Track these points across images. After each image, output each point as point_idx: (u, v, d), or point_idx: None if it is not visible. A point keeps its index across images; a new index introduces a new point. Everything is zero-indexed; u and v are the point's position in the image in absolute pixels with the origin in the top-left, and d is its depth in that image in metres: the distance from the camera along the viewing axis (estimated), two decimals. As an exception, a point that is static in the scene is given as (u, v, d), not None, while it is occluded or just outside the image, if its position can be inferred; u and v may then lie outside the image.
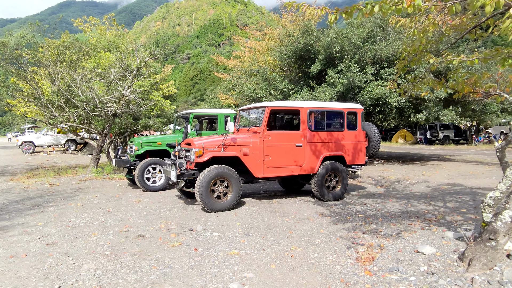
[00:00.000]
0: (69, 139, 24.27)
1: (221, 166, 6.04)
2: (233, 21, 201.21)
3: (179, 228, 5.10)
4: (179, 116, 9.79)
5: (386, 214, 5.91)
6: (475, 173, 10.72)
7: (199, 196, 5.82)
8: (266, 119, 6.47)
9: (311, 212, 6.09)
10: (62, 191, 8.37)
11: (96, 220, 5.60)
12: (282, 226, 5.15)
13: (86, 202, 7.01)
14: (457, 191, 7.97)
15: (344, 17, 3.62)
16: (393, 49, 10.61)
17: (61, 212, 6.17)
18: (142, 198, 7.37)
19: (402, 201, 7.03)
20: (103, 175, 10.99)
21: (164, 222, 5.40)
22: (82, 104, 10.33)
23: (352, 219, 5.56)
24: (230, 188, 6.16)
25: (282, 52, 12.33)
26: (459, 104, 11.95)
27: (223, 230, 4.96)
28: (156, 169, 8.27)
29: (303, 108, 6.75)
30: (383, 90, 10.09)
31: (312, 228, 5.07)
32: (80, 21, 21.03)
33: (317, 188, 6.83)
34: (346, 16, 3.63)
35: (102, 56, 13.32)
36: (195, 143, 6.17)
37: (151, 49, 11.99)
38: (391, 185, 9.02)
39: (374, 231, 4.87)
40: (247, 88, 12.62)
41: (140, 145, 8.30)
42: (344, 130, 7.15)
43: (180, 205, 6.68)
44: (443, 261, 3.43)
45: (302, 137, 6.72)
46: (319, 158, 6.86)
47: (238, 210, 6.17)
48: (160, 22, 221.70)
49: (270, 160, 6.47)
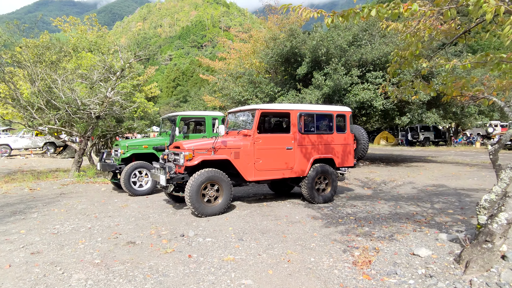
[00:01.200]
0: (47, 142, 23.54)
1: (212, 170, 5.95)
2: (215, 23, 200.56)
3: (170, 233, 4.98)
4: (165, 118, 9.62)
5: (376, 216, 5.95)
6: (458, 174, 10.98)
7: (190, 200, 5.71)
8: (257, 122, 6.42)
9: (302, 215, 6.06)
10: (43, 196, 8.07)
11: (82, 226, 5.41)
12: (275, 230, 5.10)
13: (70, 208, 6.77)
14: (442, 192, 8.13)
15: (340, 20, 3.61)
16: (378, 53, 10.77)
17: (45, 219, 5.93)
18: (129, 203, 7.17)
19: (390, 202, 7.10)
20: (85, 179, 10.67)
21: (154, 228, 5.26)
22: (64, 106, 10.01)
23: (344, 222, 5.57)
24: (221, 192, 6.07)
25: (268, 55, 12.32)
26: (440, 106, 12.23)
27: (216, 235, 4.87)
28: (142, 173, 8.08)
29: (293, 111, 6.74)
30: (368, 94, 10.22)
31: (305, 231, 5.04)
32: (59, 20, 20.48)
33: (307, 191, 6.82)
34: (343, 20, 3.62)
35: (83, 57, 13.00)
36: (185, 147, 6.05)
37: (135, 50, 11.75)
38: (378, 187, 9.12)
39: (367, 233, 4.88)
40: (234, 90, 12.54)
41: (126, 148, 8.10)
42: (333, 132, 7.18)
43: (169, 209, 6.54)
44: (440, 264, 3.45)
45: (293, 140, 6.70)
46: (309, 160, 6.86)
47: (229, 214, 6.08)
48: (141, 22, 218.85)
49: (260, 163, 6.42)
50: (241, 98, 12.40)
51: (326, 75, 10.98)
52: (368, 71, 11.11)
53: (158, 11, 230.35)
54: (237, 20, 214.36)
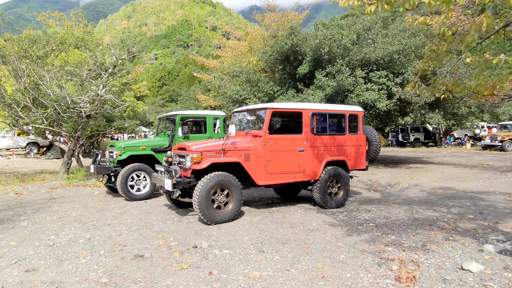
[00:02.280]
0: (30, 142, 22.55)
1: (222, 174, 5.49)
2: (201, 22, 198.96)
3: (180, 244, 4.50)
4: (163, 118, 9.09)
5: (396, 222, 5.61)
6: (461, 176, 10.80)
7: (198, 207, 5.24)
8: (268, 122, 5.99)
9: (318, 221, 5.67)
10: (32, 201, 7.44)
11: (81, 237, 4.87)
12: (295, 240, 4.68)
13: (64, 215, 6.20)
14: (453, 195, 7.88)
15: (386, 8, 3.22)
16: (382, 52, 10.49)
17: (36, 228, 5.36)
18: (127, 209, 6.64)
19: (404, 207, 6.79)
20: (75, 181, 10.04)
21: (162, 238, 4.77)
22: (52, 104, 9.35)
23: (365, 229, 5.20)
24: (231, 197, 5.62)
25: (267, 53, 11.90)
26: (441, 107, 12.07)
27: (232, 246, 4.42)
28: (140, 176, 7.55)
29: (306, 110, 6.34)
30: (373, 95, 9.92)
31: (328, 241, 4.65)
32: (44, 15, 19.56)
33: (319, 195, 6.44)
34: (388, 7, 3.24)
35: (70, 53, 12.30)
36: (192, 148, 5.58)
37: (128, 46, 11.15)
38: (385, 190, 8.82)
39: (396, 243, 4.52)
40: (231, 89, 12.08)
41: (122, 149, 7.55)
42: (346, 133, 6.82)
43: (173, 216, 6.05)
44: (499, 281, 3.10)
45: (305, 141, 6.31)
46: (322, 163, 6.48)
47: (240, 222, 5.64)
48: (125, 21, 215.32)
49: (272, 166, 6.00)
50: (238, 97, 11.95)
51: (328, 75, 10.65)
52: (371, 70, 10.83)
53: (143, 10, 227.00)
54: (223, 19, 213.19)
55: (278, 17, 15.04)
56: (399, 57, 10.41)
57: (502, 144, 21.20)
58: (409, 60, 10.87)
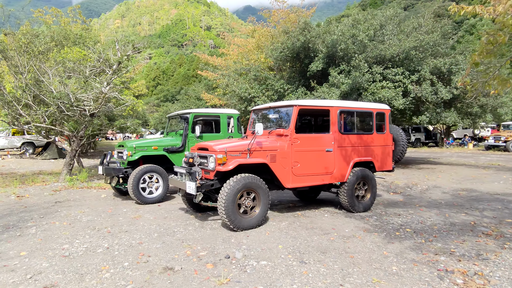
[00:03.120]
0: (25, 142, 21.89)
1: (249, 176, 5.08)
2: (196, 22, 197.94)
3: (210, 254, 4.08)
4: (172, 116, 8.65)
5: (434, 227, 5.25)
6: (478, 177, 10.50)
7: (225, 211, 4.82)
8: (295, 120, 5.60)
9: (350, 227, 5.29)
10: (36, 205, 6.96)
11: (98, 246, 4.43)
12: (334, 248, 4.29)
13: (74, 220, 5.74)
14: (479, 198, 7.56)
15: None
16: (398, 49, 10.15)
17: (46, 235, 4.90)
18: (141, 213, 6.20)
19: (433, 210, 6.45)
20: (79, 183, 9.55)
21: (188, 247, 4.35)
22: (55, 102, 8.85)
23: (404, 236, 4.83)
24: (258, 201, 5.21)
25: (277, 50, 11.50)
26: (455, 106, 11.77)
27: (269, 256, 4.02)
28: (152, 178, 7.10)
29: (334, 108, 5.96)
30: (390, 93, 9.58)
31: (370, 249, 4.27)
32: (40, 11, 18.95)
33: (347, 199, 6.05)
34: None
35: (69, 51, 11.80)
36: (216, 148, 5.16)
37: (133, 42, 10.68)
38: (405, 192, 8.48)
39: (445, 251, 4.15)
40: (240, 87, 11.65)
41: (133, 149, 7.09)
42: (373, 133, 6.45)
43: (192, 221, 5.62)
44: None
45: (333, 141, 5.92)
46: (349, 164, 6.10)
47: (267, 227, 5.23)
48: (119, 20, 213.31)
49: (298, 168, 5.60)
50: (247, 95, 11.53)
51: (342, 72, 10.28)
52: (387, 68, 10.48)
53: (137, 9, 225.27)
54: (218, 19, 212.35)
55: (286, 13, 14.65)
56: (416, 54, 10.08)
57: (506, 144, 21.04)
58: (425, 57, 10.55)
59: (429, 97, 10.13)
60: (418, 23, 11.32)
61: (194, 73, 79.07)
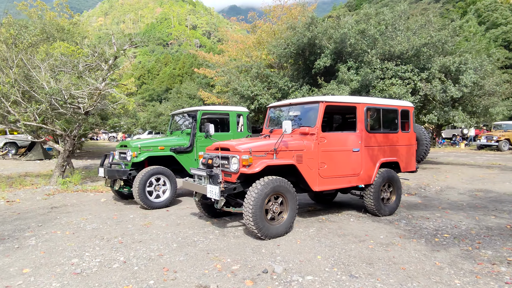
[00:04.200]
0: (7, 142, 20.82)
1: (277, 178, 4.62)
2: (181, 21, 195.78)
3: (245, 268, 3.61)
4: (176, 114, 8.10)
5: (471, 232, 4.92)
6: (486, 177, 10.31)
7: (252, 218, 4.35)
8: (321, 118, 5.17)
9: (383, 233, 4.90)
10: (30, 211, 6.32)
11: (112, 259, 3.88)
12: (378, 258, 3.88)
13: (77, 229, 5.16)
14: (498, 199, 7.30)
15: None
16: (408, 45, 9.86)
17: (49, 247, 4.32)
18: (150, 220, 5.65)
19: (459, 212, 6.13)
20: (72, 186, 8.89)
21: (216, 259, 3.86)
22: (47, 99, 8.17)
23: (446, 242, 4.47)
24: (286, 206, 4.76)
25: (281, 46, 11.07)
26: (461, 105, 11.59)
27: (311, 269, 3.57)
28: (160, 180, 6.56)
29: (360, 105, 5.56)
30: (401, 89, 9.27)
31: (417, 258, 3.87)
32: (24, 4, 18.00)
33: (373, 202, 5.66)
34: None
35: (56, 46, 11.07)
36: (239, 148, 4.68)
37: (130, 35, 10.07)
38: (420, 193, 8.18)
39: (501, 260, 3.80)
40: (242, 85, 11.16)
41: (138, 150, 6.53)
42: (398, 131, 6.09)
43: (210, 228, 5.12)
44: None
45: (359, 140, 5.52)
46: (376, 165, 5.71)
47: (295, 235, 4.79)
48: (102, 18, 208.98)
49: (325, 169, 5.17)
50: (250, 93, 11.05)
51: (350, 69, 9.92)
52: (396, 64, 10.18)
53: (121, 7, 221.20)
54: (203, 18, 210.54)
55: (287, 9, 14.24)
56: (426, 51, 9.81)
57: (498, 144, 21.20)
58: (434, 55, 10.30)
59: (438, 95, 9.88)
60: (427, 20, 11.08)
61: (180, 72, 78.00)
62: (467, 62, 10.11)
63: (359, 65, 10.04)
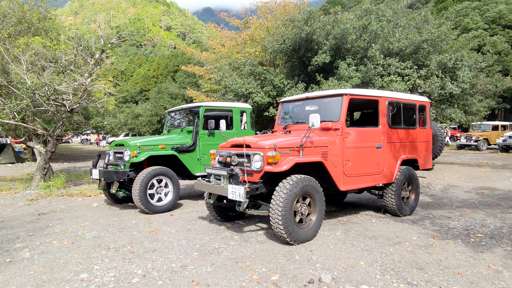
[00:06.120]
0: (-26, 145, 19.33)
1: (306, 177, 4.21)
2: (155, 22, 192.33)
3: (286, 278, 3.17)
4: (174, 111, 7.55)
5: (502, 230, 4.72)
6: (482, 175, 10.33)
7: (282, 221, 3.92)
8: (345, 112, 4.82)
9: (414, 234, 4.60)
10: (15, 219, 5.60)
11: (130, 273, 3.34)
12: (426, 262, 3.56)
13: (76, 238, 4.54)
14: (507, 196, 7.24)
15: None
16: (408, 42, 9.74)
17: (48, 260, 3.71)
18: (156, 225, 5.10)
19: (478, 211, 5.95)
20: (56, 190, 8.13)
21: (248, 269, 3.40)
22: (29, 94, 7.41)
23: (484, 242, 4.21)
24: (314, 208, 4.37)
25: (277, 41, 10.70)
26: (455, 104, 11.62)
27: (362, 277, 3.19)
28: (161, 182, 6.00)
29: (382, 98, 5.25)
30: (402, 86, 9.11)
31: (467, 261, 3.58)
32: (-7, -3, 16.80)
33: (395, 201, 5.36)
34: None
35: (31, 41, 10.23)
36: (263, 144, 4.25)
37: (118, 28, 9.40)
38: (425, 192, 8.01)
39: (555, 261, 3.55)
40: (236, 82, 10.70)
41: (137, 149, 5.94)
42: (417, 127, 5.84)
43: (228, 233, 4.64)
44: None
45: (382, 136, 5.21)
46: (397, 162, 5.43)
47: (323, 238, 4.39)
48: (72, 17, 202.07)
49: (350, 167, 4.82)
50: (244, 91, 10.61)
51: (350, 65, 9.68)
52: (397, 61, 10.02)
53: (92, 6, 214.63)
54: (178, 20, 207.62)
55: (278, 6, 13.91)
56: (427, 47, 9.72)
57: (477, 143, 21.78)
58: (433, 52, 10.24)
59: (436, 92, 9.81)
60: (425, 18, 11.03)
61: (155, 73, 76.42)
62: (463, 59, 10.13)
63: (358, 61, 9.83)
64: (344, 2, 55.23)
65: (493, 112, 35.88)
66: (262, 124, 12.84)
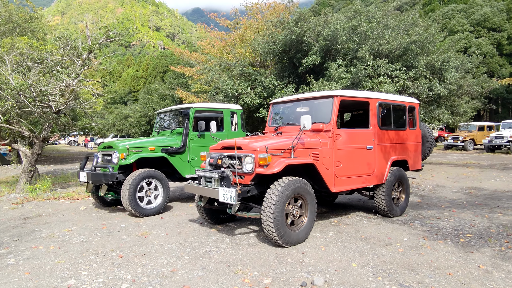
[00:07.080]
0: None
1: (298, 179, 4.20)
2: (144, 22, 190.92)
3: (279, 282, 3.15)
4: (163, 112, 7.46)
5: (490, 230, 4.77)
6: (469, 175, 10.48)
7: (274, 223, 3.90)
8: (336, 113, 4.82)
9: (404, 235, 4.62)
10: (0, 223, 5.45)
11: (119, 278, 3.27)
12: (417, 263, 3.57)
13: (63, 242, 4.44)
14: (494, 196, 7.34)
15: None
16: (397, 44, 9.83)
17: (34, 267, 3.61)
18: (146, 229, 5.02)
19: (465, 211, 6.02)
20: (43, 194, 7.96)
21: (240, 273, 3.36)
22: (14, 95, 7.25)
23: (474, 242, 4.25)
24: (305, 210, 4.36)
25: (268, 43, 10.69)
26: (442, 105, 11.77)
27: (354, 280, 3.18)
28: (151, 185, 5.92)
29: (372, 100, 5.28)
30: (391, 87, 9.19)
31: (458, 262, 3.60)
32: (-23, -5, 16.43)
33: (385, 202, 5.39)
34: None
35: (16, 41, 10.02)
36: (254, 146, 4.22)
37: (106, 28, 9.27)
38: (415, 192, 8.07)
39: (542, 260, 3.60)
40: (226, 83, 10.65)
41: (126, 151, 5.85)
42: (406, 128, 5.88)
43: (218, 236, 4.59)
44: None
45: (373, 137, 5.23)
46: (388, 163, 5.46)
47: (315, 240, 4.38)
48: (59, 17, 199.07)
49: (341, 168, 4.83)
50: (234, 92, 10.57)
51: (340, 67, 9.72)
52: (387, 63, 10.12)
53: (79, 6, 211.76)
54: (167, 20, 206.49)
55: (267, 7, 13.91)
56: (415, 49, 9.83)
57: (464, 144, 22.13)
58: (421, 53, 10.36)
59: (424, 93, 9.92)
60: (413, 20, 11.15)
61: (144, 74, 75.81)
62: (450, 60, 10.27)
63: (348, 63, 9.89)
64: (333, 3, 55.69)
65: (479, 113, 36.57)
66: (252, 126, 12.82)
